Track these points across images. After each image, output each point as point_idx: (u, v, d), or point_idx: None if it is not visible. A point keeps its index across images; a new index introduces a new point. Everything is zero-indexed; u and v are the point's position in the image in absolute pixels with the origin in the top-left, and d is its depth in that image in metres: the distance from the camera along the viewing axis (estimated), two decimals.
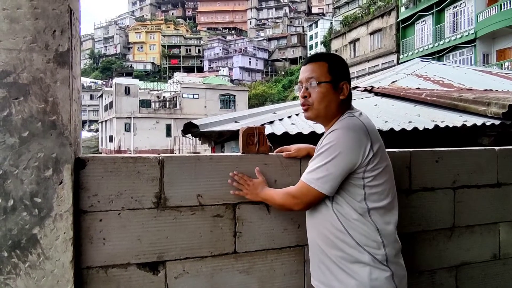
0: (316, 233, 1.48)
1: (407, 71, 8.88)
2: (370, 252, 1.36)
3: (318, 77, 1.45)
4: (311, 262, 1.55)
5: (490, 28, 20.49)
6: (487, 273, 2.09)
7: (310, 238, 1.54)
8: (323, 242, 1.44)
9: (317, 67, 1.47)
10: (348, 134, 1.34)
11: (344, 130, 1.35)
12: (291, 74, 58.97)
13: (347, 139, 1.34)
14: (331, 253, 1.41)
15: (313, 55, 1.55)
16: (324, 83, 1.44)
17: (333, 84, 1.45)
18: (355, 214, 1.38)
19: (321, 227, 1.45)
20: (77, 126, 1.45)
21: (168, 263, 1.55)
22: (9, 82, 1.28)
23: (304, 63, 1.54)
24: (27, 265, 1.30)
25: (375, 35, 30.85)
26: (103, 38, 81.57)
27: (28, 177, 1.29)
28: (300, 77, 1.52)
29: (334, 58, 1.52)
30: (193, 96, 35.27)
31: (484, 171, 2.08)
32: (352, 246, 1.37)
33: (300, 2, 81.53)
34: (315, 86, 1.45)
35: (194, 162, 1.60)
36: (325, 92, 1.44)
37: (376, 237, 1.37)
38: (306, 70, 1.50)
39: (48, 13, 1.31)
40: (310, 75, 1.47)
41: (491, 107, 4.62)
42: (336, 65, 1.48)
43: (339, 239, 1.39)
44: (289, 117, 5.29)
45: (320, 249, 1.46)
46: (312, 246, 1.52)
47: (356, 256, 1.37)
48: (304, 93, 1.48)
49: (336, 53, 24.57)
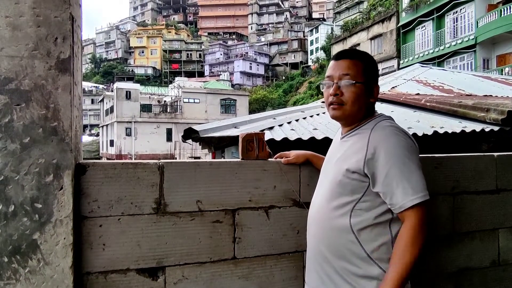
0: (322, 241, 1.39)
1: (407, 76, 8.90)
2: (381, 266, 1.28)
3: (355, 76, 1.36)
4: (309, 269, 1.47)
5: (490, 34, 20.55)
6: (487, 279, 2.09)
7: (313, 245, 1.45)
8: (330, 252, 1.36)
9: (353, 65, 1.37)
10: (406, 139, 1.30)
11: (401, 136, 1.30)
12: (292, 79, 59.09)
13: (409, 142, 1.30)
14: (338, 264, 1.33)
15: (348, 51, 1.44)
16: (359, 83, 1.36)
17: (367, 85, 1.38)
18: (374, 223, 1.30)
19: (330, 236, 1.36)
20: (78, 132, 1.46)
21: (168, 268, 1.56)
22: (11, 89, 1.29)
23: (336, 57, 1.43)
24: (27, 271, 1.30)
25: (376, 40, 30.95)
26: (104, 42, 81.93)
27: (29, 183, 1.30)
28: (331, 72, 1.40)
29: (369, 58, 1.43)
30: (194, 100, 35.34)
31: (483, 177, 2.08)
32: (362, 258, 1.30)
33: (300, 8, 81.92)
34: (349, 85, 1.36)
35: (194, 168, 1.61)
36: (360, 93, 1.36)
37: (389, 249, 1.29)
38: (340, 66, 1.39)
39: (50, 21, 1.33)
40: (346, 72, 1.36)
41: (490, 113, 4.63)
42: (371, 66, 1.41)
43: (349, 250, 1.31)
44: (288, 122, 5.30)
45: (325, 258, 1.37)
46: (314, 253, 1.43)
47: (365, 269, 1.29)
48: (336, 90, 1.37)
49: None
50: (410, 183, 1.23)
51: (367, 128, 1.36)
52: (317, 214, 1.43)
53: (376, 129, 1.33)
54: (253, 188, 1.69)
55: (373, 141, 1.29)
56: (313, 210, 1.47)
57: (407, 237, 1.22)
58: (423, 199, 1.23)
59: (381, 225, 1.31)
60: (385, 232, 1.31)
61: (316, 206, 1.45)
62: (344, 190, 1.33)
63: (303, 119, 5.60)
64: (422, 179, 1.26)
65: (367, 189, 1.31)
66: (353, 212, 1.32)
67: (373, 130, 1.33)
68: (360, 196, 1.31)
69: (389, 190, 1.25)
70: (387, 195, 1.27)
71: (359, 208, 1.31)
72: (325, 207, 1.39)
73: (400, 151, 1.26)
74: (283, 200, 1.73)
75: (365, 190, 1.31)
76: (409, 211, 1.23)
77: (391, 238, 1.30)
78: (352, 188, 1.32)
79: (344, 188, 1.33)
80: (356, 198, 1.32)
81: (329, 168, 1.45)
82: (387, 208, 1.30)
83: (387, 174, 1.25)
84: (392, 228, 1.31)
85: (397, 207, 1.25)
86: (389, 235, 1.30)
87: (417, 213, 1.23)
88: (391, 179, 1.25)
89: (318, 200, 1.45)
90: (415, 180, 1.24)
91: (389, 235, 1.30)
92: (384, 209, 1.30)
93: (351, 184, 1.32)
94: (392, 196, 1.25)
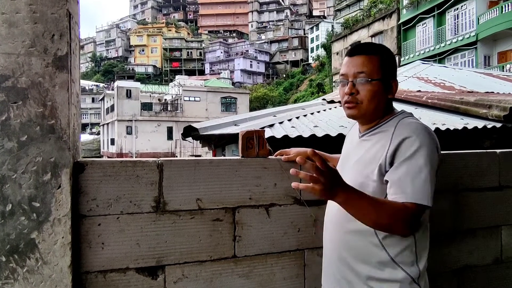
0: (342, 245, 1.33)
1: (408, 73, 8.87)
2: (404, 269, 1.24)
3: (370, 73, 1.27)
4: (326, 273, 1.42)
5: (491, 30, 20.50)
6: (490, 276, 2.07)
7: (330, 249, 1.39)
8: (351, 256, 1.30)
9: (368, 61, 1.29)
10: (431, 137, 1.22)
11: (426, 133, 1.22)
12: (292, 76, 59.10)
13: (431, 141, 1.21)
14: (359, 268, 1.28)
15: (362, 45, 1.35)
16: (376, 80, 1.28)
17: (384, 81, 1.30)
18: None
19: (351, 240, 1.30)
20: (76, 130, 1.44)
21: (167, 267, 1.54)
22: (8, 87, 1.28)
23: (350, 53, 1.34)
24: (25, 270, 1.29)
25: (376, 37, 30.86)
26: (104, 41, 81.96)
27: (26, 182, 1.29)
28: (345, 70, 1.32)
29: (386, 51, 1.34)
30: (194, 99, 35.35)
31: (485, 174, 2.07)
32: (385, 262, 1.24)
33: (301, 5, 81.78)
34: (365, 83, 1.28)
35: (194, 166, 1.59)
36: (377, 91, 1.28)
37: (412, 252, 1.25)
38: (354, 63, 1.31)
39: (47, 17, 1.31)
40: (360, 70, 1.28)
41: (492, 109, 4.60)
42: (388, 60, 1.32)
43: (372, 254, 1.26)
44: (289, 120, 5.28)
45: (345, 262, 1.32)
46: (333, 258, 1.38)
47: (389, 273, 1.24)
48: (352, 89, 1.30)
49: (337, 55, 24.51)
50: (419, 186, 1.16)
51: (390, 126, 1.29)
52: (336, 217, 1.35)
53: (400, 126, 1.26)
54: (254, 186, 1.67)
55: (397, 137, 1.22)
56: (331, 213, 1.41)
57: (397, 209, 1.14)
58: (422, 202, 1.15)
59: None
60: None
61: (334, 209, 1.34)
62: (366, 193, 1.23)
63: (304, 116, 5.59)
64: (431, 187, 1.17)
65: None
66: None
67: (397, 127, 1.26)
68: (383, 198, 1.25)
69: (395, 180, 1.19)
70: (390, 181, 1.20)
71: None
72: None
73: (422, 147, 1.18)
74: (284, 198, 1.72)
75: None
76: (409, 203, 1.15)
77: (414, 240, 1.26)
78: (374, 191, 1.24)
79: (366, 190, 1.23)
80: None
81: (348, 168, 1.37)
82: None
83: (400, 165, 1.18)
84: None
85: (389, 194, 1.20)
86: (412, 238, 1.25)
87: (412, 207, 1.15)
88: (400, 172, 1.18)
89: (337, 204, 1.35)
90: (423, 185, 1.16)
91: (412, 238, 1.25)
92: None
93: (373, 186, 1.25)
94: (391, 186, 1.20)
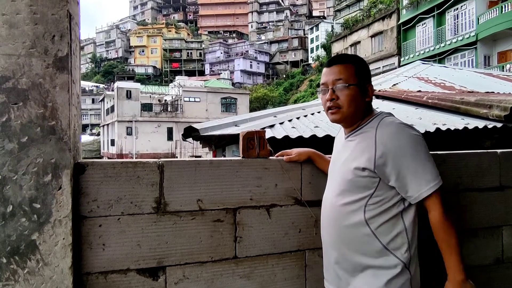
0: (339, 238, 1.43)
1: (408, 73, 8.87)
2: (397, 255, 1.35)
3: (347, 79, 1.42)
4: (327, 267, 1.52)
5: (491, 30, 20.48)
6: (491, 277, 2.07)
7: (329, 244, 1.49)
8: (348, 248, 1.41)
9: (344, 69, 1.44)
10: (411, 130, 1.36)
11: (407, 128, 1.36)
12: (292, 77, 59.08)
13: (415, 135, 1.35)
14: (356, 258, 1.39)
15: (338, 57, 1.51)
16: (353, 85, 1.42)
17: (360, 86, 1.44)
18: (388, 215, 1.35)
19: (346, 233, 1.40)
20: (76, 131, 1.44)
21: (168, 268, 1.54)
22: (8, 88, 1.28)
23: (327, 64, 1.50)
24: (26, 271, 1.29)
25: (376, 37, 30.86)
26: (104, 42, 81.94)
27: (27, 183, 1.29)
28: (325, 79, 1.47)
29: (359, 60, 1.50)
30: (194, 99, 35.30)
31: (486, 174, 2.06)
32: (379, 250, 1.35)
33: (301, 5, 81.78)
34: (343, 88, 1.42)
35: (194, 166, 1.59)
36: (354, 95, 1.42)
37: (403, 238, 1.36)
38: (331, 72, 1.46)
39: (47, 18, 1.31)
40: (338, 77, 1.43)
41: (493, 109, 4.60)
42: (362, 67, 1.46)
43: (365, 244, 1.37)
44: (290, 120, 5.28)
45: (342, 254, 1.42)
46: (331, 251, 1.47)
47: (383, 260, 1.35)
48: (332, 95, 1.44)
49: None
50: (424, 175, 1.31)
51: (371, 127, 1.41)
52: (331, 214, 1.46)
53: (381, 127, 1.38)
54: (254, 187, 1.67)
55: (380, 139, 1.34)
56: (326, 210, 1.51)
57: (441, 224, 1.31)
58: (437, 187, 1.31)
59: (395, 217, 1.36)
60: (399, 222, 1.36)
61: (329, 206, 1.48)
62: (356, 188, 1.38)
63: (304, 117, 5.58)
64: (433, 168, 1.33)
65: (378, 184, 1.36)
66: (367, 207, 1.37)
67: (378, 127, 1.38)
68: (372, 191, 1.36)
69: (404, 184, 1.33)
70: (403, 189, 1.34)
71: (372, 203, 1.36)
72: (338, 205, 1.43)
73: (408, 145, 1.32)
74: (285, 199, 1.72)
75: (377, 185, 1.36)
76: (429, 200, 1.32)
77: (404, 227, 1.37)
78: (363, 185, 1.37)
79: (356, 186, 1.38)
80: (368, 194, 1.37)
81: (337, 168, 1.49)
82: (398, 199, 1.36)
83: (400, 171, 1.32)
84: (405, 217, 1.37)
85: (412, 198, 1.33)
86: (402, 224, 1.37)
87: (436, 200, 1.32)
88: (404, 174, 1.32)
89: (330, 201, 1.48)
90: (428, 171, 1.32)
91: (402, 224, 1.37)
92: (396, 200, 1.36)
93: (362, 181, 1.36)
94: (408, 190, 1.33)
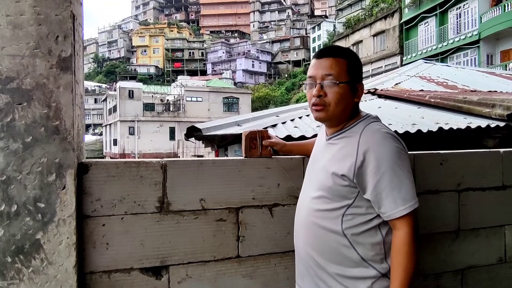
0: (312, 246, 1.35)
1: (411, 73, 8.84)
2: (375, 267, 1.28)
3: (338, 76, 1.28)
4: (301, 273, 1.43)
5: (494, 29, 20.39)
6: (493, 276, 2.07)
7: (302, 249, 1.40)
8: (323, 257, 1.33)
9: (336, 63, 1.29)
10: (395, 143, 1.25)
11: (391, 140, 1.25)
12: (294, 76, 58.99)
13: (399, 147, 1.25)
14: (331, 268, 1.31)
15: (330, 48, 1.36)
16: (343, 83, 1.29)
17: (351, 85, 1.31)
18: (365, 227, 1.28)
19: (322, 241, 1.32)
20: (80, 131, 1.45)
21: (171, 267, 1.55)
22: (13, 88, 1.29)
23: (318, 55, 1.35)
24: (30, 270, 1.30)
25: (378, 37, 30.79)
26: (107, 42, 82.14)
27: (31, 182, 1.30)
28: (313, 72, 1.32)
29: (352, 55, 1.35)
30: (196, 99, 35.36)
31: (489, 173, 2.06)
32: (356, 261, 1.29)
33: (303, 5, 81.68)
34: (333, 85, 1.29)
35: (197, 166, 1.60)
36: (344, 94, 1.29)
37: (381, 250, 1.29)
38: (321, 65, 1.31)
39: (51, 19, 1.32)
40: (328, 72, 1.29)
41: (496, 108, 4.58)
42: (355, 64, 1.33)
43: (342, 255, 1.30)
44: (292, 120, 5.28)
45: (316, 263, 1.34)
46: (305, 258, 1.39)
47: (360, 271, 1.28)
48: (319, 91, 1.30)
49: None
50: (399, 193, 1.22)
51: (355, 132, 1.31)
52: (306, 219, 1.38)
53: (365, 133, 1.28)
54: (257, 186, 1.68)
55: (363, 146, 1.25)
56: (301, 215, 1.42)
57: (403, 246, 1.22)
58: (412, 208, 1.22)
59: (373, 228, 1.29)
60: (377, 234, 1.30)
61: (305, 210, 1.39)
62: (335, 196, 1.30)
63: (306, 116, 5.58)
64: (411, 188, 1.24)
65: (357, 195, 1.28)
66: (345, 217, 1.29)
67: (363, 133, 1.28)
68: (351, 202, 1.29)
69: (379, 199, 1.24)
70: (376, 204, 1.25)
71: (350, 213, 1.29)
72: (315, 212, 1.34)
73: (390, 158, 1.22)
74: (287, 198, 1.72)
75: (356, 196, 1.28)
76: (399, 220, 1.23)
77: (382, 239, 1.30)
78: (342, 194, 1.29)
79: (335, 194, 1.29)
80: (347, 203, 1.29)
81: (317, 172, 1.39)
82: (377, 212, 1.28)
83: (377, 184, 1.22)
84: (382, 230, 1.30)
85: (385, 215, 1.25)
86: (380, 236, 1.30)
87: (407, 222, 1.22)
88: (381, 189, 1.22)
89: (307, 205, 1.39)
90: (405, 190, 1.22)
91: (380, 236, 1.30)
92: (375, 213, 1.28)
93: (342, 190, 1.28)
94: (381, 206, 1.24)
